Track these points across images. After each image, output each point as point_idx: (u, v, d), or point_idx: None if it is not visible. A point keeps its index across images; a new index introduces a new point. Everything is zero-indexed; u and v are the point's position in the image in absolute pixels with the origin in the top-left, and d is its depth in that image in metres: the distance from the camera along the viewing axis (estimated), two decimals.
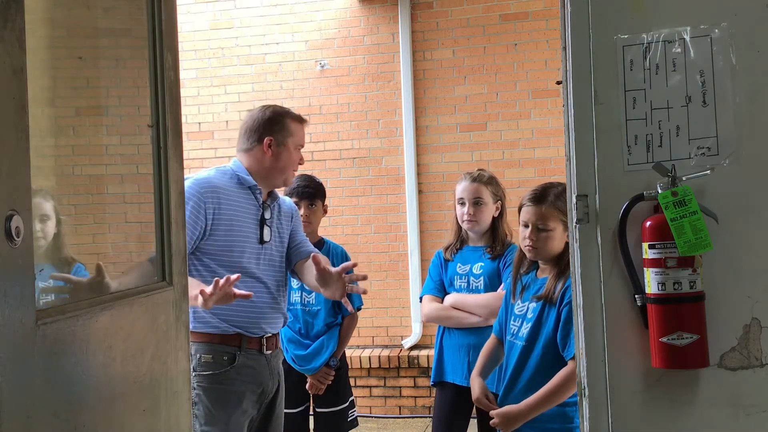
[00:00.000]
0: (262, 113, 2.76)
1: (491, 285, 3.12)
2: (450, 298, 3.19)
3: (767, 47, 1.49)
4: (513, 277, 2.61)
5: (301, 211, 3.39)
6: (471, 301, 3.13)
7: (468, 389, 3.08)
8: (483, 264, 3.16)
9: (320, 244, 3.51)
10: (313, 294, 3.41)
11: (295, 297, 3.45)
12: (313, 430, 3.52)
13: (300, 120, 2.81)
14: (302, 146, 2.80)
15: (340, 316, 3.49)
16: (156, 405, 1.66)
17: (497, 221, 3.20)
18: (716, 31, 1.51)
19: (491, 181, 3.19)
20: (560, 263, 2.41)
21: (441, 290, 3.25)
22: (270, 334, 2.67)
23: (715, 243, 1.46)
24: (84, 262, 1.69)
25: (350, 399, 3.56)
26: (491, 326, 3.07)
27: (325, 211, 3.57)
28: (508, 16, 5.67)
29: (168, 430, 1.71)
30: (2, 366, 1.10)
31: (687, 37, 1.52)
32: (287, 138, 2.72)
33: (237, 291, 2.32)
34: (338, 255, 3.52)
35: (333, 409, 3.48)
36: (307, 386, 3.43)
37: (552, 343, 2.36)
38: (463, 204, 3.17)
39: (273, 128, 2.72)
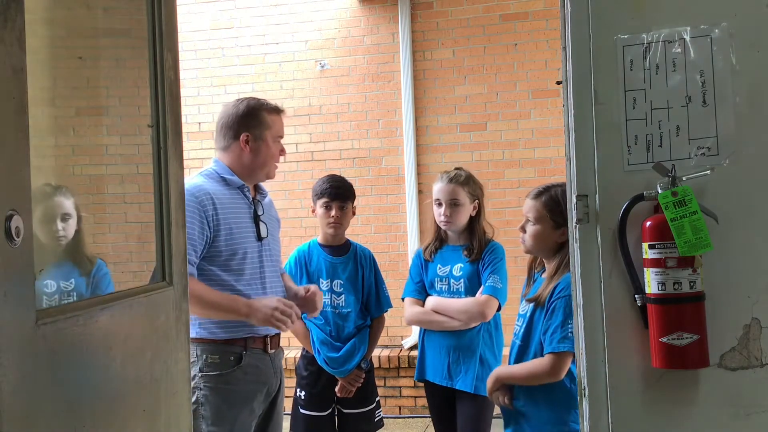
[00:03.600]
0: (236, 108, 2.66)
1: (471, 287, 3.12)
2: (431, 301, 3.19)
3: (767, 47, 1.49)
4: (527, 277, 2.63)
5: (332, 213, 3.35)
6: (451, 306, 3.12)
7: (448, 389, 3.14)
8: (462, 265, 3.16)
9: (347, 246, 3.47)
10: (343, 296, 3.40)
11: (325, 299, 3.39)
12: (339, 431, 3.50)
13: (276, 110, 2.70)
14: (281, 137, 2.71)
15: (369, 318, 3.47)
16: (156, 405, 1.66)
17: (474, 220, 3.19)
18: (716, 31, 1.51)
19: (468, 182, 3.16)
20: (554, 265, 2.42)
21: (422, 292, 3.24)
22: (273, 333, 2.65)
23: (715, 243, 1.46)
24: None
25: (377, 399, 3.54)
26: (472, 328, 3.09)
27: (354, 213, 3.50)
28: (508, 16, 5.67)
29: (168, 430, 1.71)
30: (2, 366, 1.10)
31: (687, 37, 1.52)
32: (264, 131, 2.64)
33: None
34: (366, 258, 3.48)
35: (361, 410, 3.46)
36: (337, 389, 3.40)
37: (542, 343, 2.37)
38: (440, 205, 3.16)
39: (249, 123, 2.63)
